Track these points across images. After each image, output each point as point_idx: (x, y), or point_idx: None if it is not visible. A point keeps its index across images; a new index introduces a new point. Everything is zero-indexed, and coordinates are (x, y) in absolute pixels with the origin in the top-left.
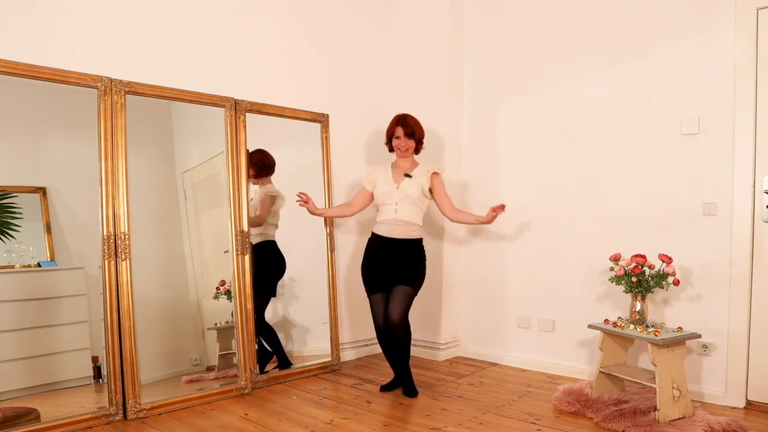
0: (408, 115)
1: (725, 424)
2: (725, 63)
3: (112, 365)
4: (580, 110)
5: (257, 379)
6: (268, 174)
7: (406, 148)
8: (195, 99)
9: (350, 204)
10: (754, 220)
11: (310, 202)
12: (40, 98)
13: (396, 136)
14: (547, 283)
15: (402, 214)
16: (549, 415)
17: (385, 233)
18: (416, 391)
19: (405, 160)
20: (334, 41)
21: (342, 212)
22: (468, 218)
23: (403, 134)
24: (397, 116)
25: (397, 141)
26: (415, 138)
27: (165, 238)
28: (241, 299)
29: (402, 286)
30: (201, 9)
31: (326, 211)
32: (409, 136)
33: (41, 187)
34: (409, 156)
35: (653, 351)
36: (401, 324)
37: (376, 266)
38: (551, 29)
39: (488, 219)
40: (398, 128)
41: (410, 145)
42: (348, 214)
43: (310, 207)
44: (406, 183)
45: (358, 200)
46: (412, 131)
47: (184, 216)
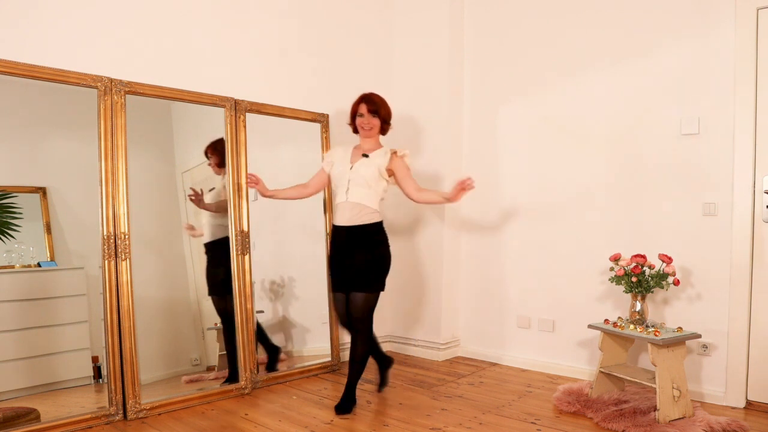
0: (374, 93)
1: (725, 424)
2: (725, 63)
3: (112, 365)
4: (581, 110)
5: (257, 379)
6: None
7: (370, 127)
8: (195, 99)
9: (306, 185)
10: (754, 220)
11: (260, 183)
12: (40, 98)
13: (359, 113)
14: (547, 283)
15: (352, 196)
16: (549, 415)
17: (338, 220)
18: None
19: (368, 141)
20: (335, 41)
21: (297, 193)
22: (432, 197)
23: (367, 111)
24: (362, 94)
25: (361, 119)
26: (380, 117)
27: (165, 238)
28: (241, 299)
29: (357, 294)
30: (201, 9)
31: (279, 192)
32: (374, 113)
33: (41, 187)
34: (374, 136)
35: (653, 351)
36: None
37: (336, 262)
38: (551, 29)
39: (453, 195)
40: (362, 105)
41: (374, 124)
42: (304, 195)
43: (261, 188)
44: (360, 163)
45: (315, 181)
46: (377, 109)
47: (184, 216)
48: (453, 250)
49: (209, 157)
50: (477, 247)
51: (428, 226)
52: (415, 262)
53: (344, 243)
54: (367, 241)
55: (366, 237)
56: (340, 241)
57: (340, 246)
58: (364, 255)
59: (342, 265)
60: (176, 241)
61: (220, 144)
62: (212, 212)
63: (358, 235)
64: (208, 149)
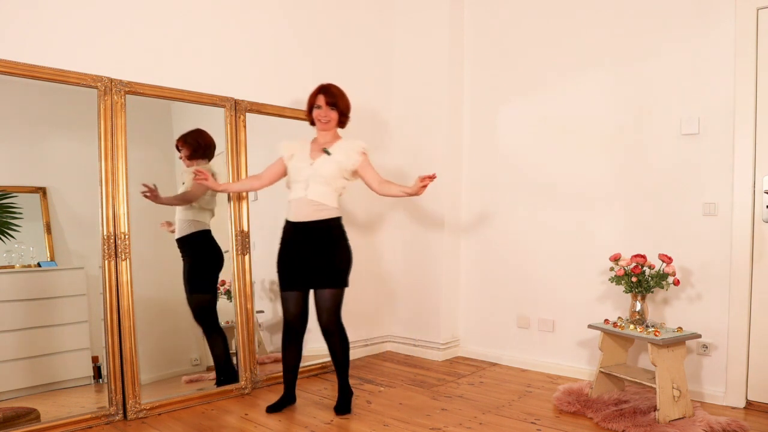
0: (332, 84)
1: (725, 424)
2: (725, 63)
3: (112, 365)
4: (581, 110)
5: (257, 379)
6: (205, 156)
7: (327, 120)
8: (195, 99)
9: (260, 176)
10: (754, 220)
11: (209, 179)
12: (40, 98)
13: (317, 105)
14: (547, 283)
15: (311, 193)
16: (549, 415)
17: (294, 216)
18: (350, 408)
19: (325, 134)
20: (334, 41)
21: (249, 185)
22: (395, 190)
23: (324, 103)
24: (319, 85)
25: (318, 111)
26: (338, 109)
27: (165, 238)
28: (241, 299)
29: (323, 290)
30: (201, 9)
31: (230, 186)
32: (332, 106)
33: (41, 187)
34: (331, 129)
35: (653, 351)
36: (335, 329)
37: (289, 259)
38: (551, 29)
39: (415, 190)
40: (320, 96)
41: (332, 116)
42: (257, 186)
43: (210, 184)
44: (321, 160)
45: (271, 171)
46: (335, 101)
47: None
48: (453, 250)
49: (180, 150)
50: (477, 247)
51: (428, 226)
52: (416, 262)
53: (301, 240)
54: (328, 237)
55: (326, 233)
56: (296, 238)
57: (295, 243)
58: (327, 250)
59: (299, 263)
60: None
61: (190, 136)
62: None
63: (318, 231)
64: (179, 141)
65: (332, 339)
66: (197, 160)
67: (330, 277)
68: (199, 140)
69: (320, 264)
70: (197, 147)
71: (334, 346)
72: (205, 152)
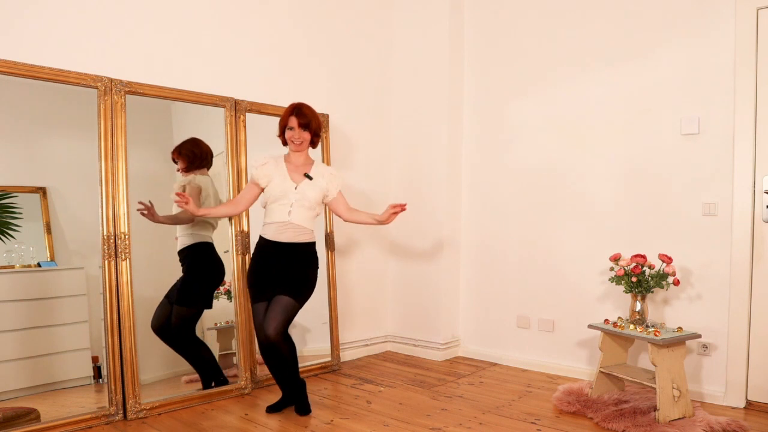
0: (303, 104)
1: (725, 424)
2: (725, 63)
3: (112, 365)
4: (581, 110)
5: (257, 379)
6: (202, 166)
7: (301, 141)
8: (195, 99)
9: (237, 202)
10: (754, 220)
11: (190, 203)
12: (40, 98)
13: (289, 126)
14: (547, 283)
15: (295, 217)
16: (549, 415)
17: (272, 236)
18: (309, 408)
19: (299, 155)
20: (335, 41)
21: (228, 211)
22: (363, 218)
23: (297, 125)
24: (291, 105)
25: (291, 133)
26: (311, 130)
27: (165, 238)
28: (241, 299)
29: (283, 296)
30: (201, 9)
31: (211, 211)
32: (304, 127)
33: (41, 187)
34: (304, 149)
35: (653, 351)
36: (280, 339)
37: (262, 272)
38: (551, 29)
39: (384, 218)
40: (292, 118)
41: (305, 138)
42: (235, 212)
43: (191, 208)
44: (305, 185)
45: (247, 198)
46: (308, 122)
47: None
48: (453, 251)
49: (176, 162)
50: (477, 247)
51: (428, 226)
52: (416, 262)
53: (276, 255)
54: (300, 257)
55: (300, 253)
56: (272, 252)
57: (270, 257)
58: (294, 268)
59: (270, 275)
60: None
61: (185, 147)
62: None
63: (295, 251)
64: (174, 154)
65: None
66: (194, 172)
67: (293, 288)
68: (194, 150)
69: (288, 276)
70: (193, 158)
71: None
72: (202, 162)
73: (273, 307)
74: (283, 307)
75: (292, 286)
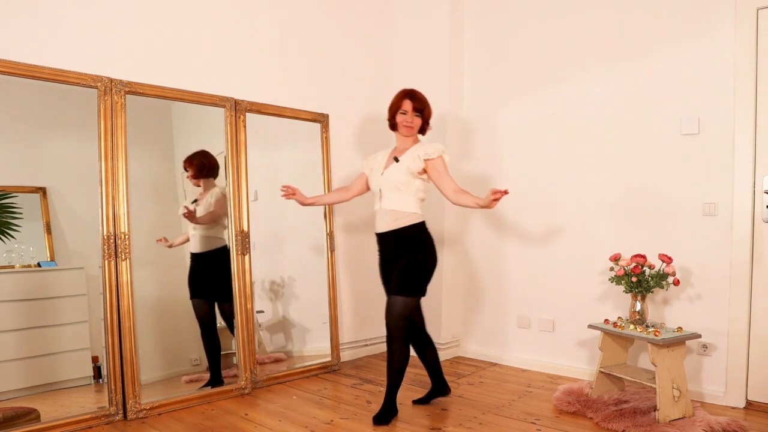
0: (416, 90)
1: (725, 424)
2: (725, 63)
3: (112, 365)
4: (581, 110)
5: (257, 379)
6: (210, 175)
7: (412, 125)
8: (195, 99)
9: (348, 188)
10: (754, 220)
11: (297, 194)
12: (40, 98)
13: (402, 110)
14: (547, 283)
15: (386, 203)
16: (549, 415)
17: (377, 228)
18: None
19: (406, 140)
20: (335, 41)
21: (338, 197)
22: (467, 201)
23: (411, 109)
24: (403, 90)
25: (403, 116)
26: (423, 116)
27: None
28: (241, 299)
29: (396, 297)
30: (201, 9)
31: (319, 199)
32: (418, 112)
33: (41, 187)
34: (413, 135)
35: (653, 351)
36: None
37: (381, 269)
38: (551, 30)
39: (486, 202)
40: (406, 101)
41: (416, 123)
42: (345, 198)
43: (299, 198)
44: (390, 168)
45: (356, 184)
46: (422, 108)
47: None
48: (453, 250)
49: (186, 170)
50: (477, 247)
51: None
52: None
53: (384, 250)
54: (406, 245)
55: (405, 241)
56: (381, 248)
57: (382, 253)
58: (402, 261)
59: (385, 268)
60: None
61: (195, 158)
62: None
63: (396, 240)
64: (185, 163)
65: (391, 344)
66: (203, 179)
67: (399, 284)
68: (203, 161)
69: (396, 272)
70: (202, 167)
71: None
72: (210, 172)
73: (388, 307)
74: (393, 307)
75: (400, 284)
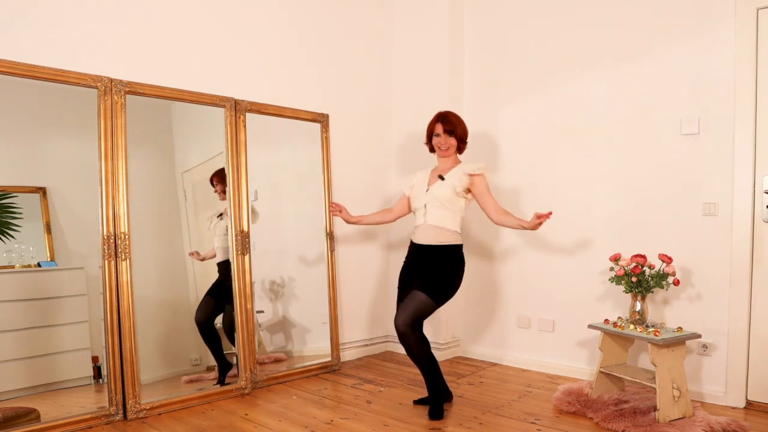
0: (449, 112)
1: (725, 424)
2: (725, 63)
3: (112, 365)
4: (581, 110)
5: (257, 379)
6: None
7: (447, 147)
8: (195, 99)
9: (391, 210)
10: (754, 220)
11: (344, 211)
12: (40, 98)
13: (436, 133)
14: (547, 283)
15: (430, 219)
16: (549, 415)
17: (416, 239)
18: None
19: (446, 161)
20: (335, 41)
21: (381, 218)
22: (510, 222)
23: (443, 131)
24: (438, 113)
25: (437, 139)
26: (456, 136)
27: (165, 238)
28: (241, 299)
29: (418, 292)
30: (201, 9)
31: (364, 218)
32: (449, 133)
33: (41, 187)
34: (451, 155)
35: (653, 351)
36: (407, 330)
37: (405, 272)
38: (551, 29)
39: (531, 225)
40: (438, 125)
41: (451, 144)
42: (388, 219)
43: (345, 215)
44: (436, 185)
45: (399, 206)
46: (453, 129)
47: (184, 216)
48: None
49: (215, 185)
50: (477, 247)
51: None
52: None
53: (417, 259)
54: (441, 258)
55: (441, 257)
56: (414, 257)
57: (412, 260)
58: (434, 266)
59: (411, 272)
60: (176, 241)
61: (224, 172)
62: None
63: (434, 254)
64: (214, 177)
65: (405, 340)
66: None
67: (430, 286)
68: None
69: (427, 275)
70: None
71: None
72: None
73: (406, 301)
74: (416, 302)
75: (429, 285)
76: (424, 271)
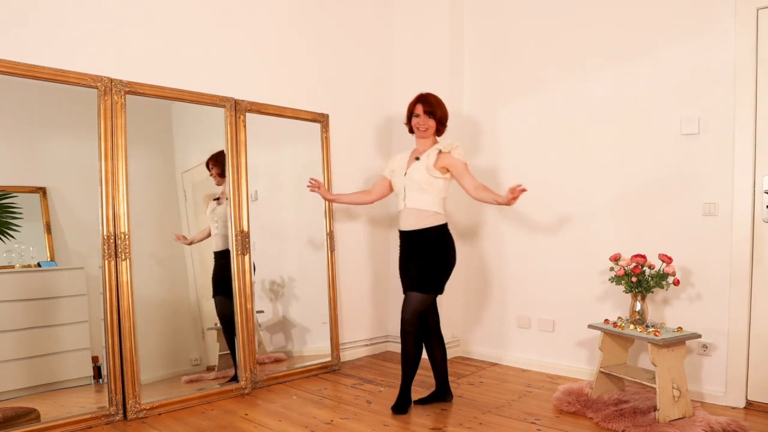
0: (430, 94)
1: (725, 424)
2: (725, 63)
3: (112, 365)
4: (581, 110)
5: (257, 379)
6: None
7: (426, 128)
8: (195, 99)
9: (369, 191)
10: (754, 220)
11: (321, 188)
12: (40, 98)
13: (415, 113)
14: (547, 283)
15: (410, 202)
16: (549, 415)
17: (401, 225)
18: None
19: (424, 142)
20: (335, 41)
21: (359, 198)
22: (487, 197)
23: (422, 112)
24: (419, 94)
25: (417, 119)
26: (435, 117)
27: (165, 238)
28: (241, 299)
29: (412, 293)
30: (202, 9)
31: (341, 197)
32: (429, 114)
33: (41, 187)
34: (429, 137)
35: (653, 351)
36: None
37: (401, 264)
38: (551, 29)
39: (506, 200)
40: (418, 105)
41: (429, 125)
42: (367, 200)
43: (323, 192)
44: (412, 168)
45: (377, 188)
46: (433, 110)
47: (184, 216)
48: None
49: (210, 169)
50: (476, 247)
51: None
52: None
53: (406, 248)
54: (426, 245)
55: (426, 242)
56: (403, 246)
57: (403, 250)
58: (421, 259)
59: (403, 265)
60: (176, 241)
61: (221, 156)
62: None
63: (418, 240)
64: (210, 161)
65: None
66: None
67: (417, 281)
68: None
69: (414, 269)
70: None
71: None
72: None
73: (404, 303)
74: (413, 303)
75: (417, 280)
76: (414, 263)
